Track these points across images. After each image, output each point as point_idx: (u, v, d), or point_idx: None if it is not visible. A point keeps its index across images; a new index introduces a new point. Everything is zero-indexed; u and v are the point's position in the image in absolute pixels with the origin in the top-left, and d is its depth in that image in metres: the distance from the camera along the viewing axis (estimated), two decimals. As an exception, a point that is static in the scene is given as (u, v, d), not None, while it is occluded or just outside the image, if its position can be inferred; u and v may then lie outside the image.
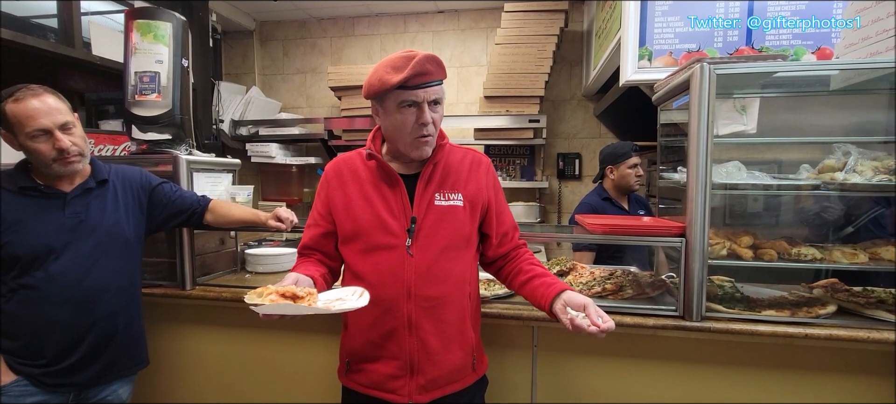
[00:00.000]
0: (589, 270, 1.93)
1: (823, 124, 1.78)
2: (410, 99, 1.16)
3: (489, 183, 1.34)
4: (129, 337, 1.52)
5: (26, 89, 1.33)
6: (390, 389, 1.24)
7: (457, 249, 1.26)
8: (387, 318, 1.22)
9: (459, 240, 1.26)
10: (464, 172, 1.30)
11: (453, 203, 1.25)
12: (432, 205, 1.24)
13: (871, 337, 1.37)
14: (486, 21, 3.93)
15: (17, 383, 1.35)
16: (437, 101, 1.20)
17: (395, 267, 1.21)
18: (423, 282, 1.21)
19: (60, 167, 1.36)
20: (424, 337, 1.22)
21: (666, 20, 2.27)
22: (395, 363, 1.23)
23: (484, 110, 3.56)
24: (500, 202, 1.37)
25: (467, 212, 1.27)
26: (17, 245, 1.32)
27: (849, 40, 1.66)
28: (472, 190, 1.29)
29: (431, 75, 1.16)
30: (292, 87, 4.32)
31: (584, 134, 3.91)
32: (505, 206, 1.39)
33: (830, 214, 1.81)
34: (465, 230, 1.27)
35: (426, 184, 1.25)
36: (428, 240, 1.23)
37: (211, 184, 1.94)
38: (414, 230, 1.22)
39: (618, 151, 2.48)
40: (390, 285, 1.21)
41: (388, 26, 4.08)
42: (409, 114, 1.18)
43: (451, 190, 1.27)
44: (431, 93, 1.18)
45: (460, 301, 1.26)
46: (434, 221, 1.23)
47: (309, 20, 4.20)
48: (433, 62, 1.16)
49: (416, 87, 1.15)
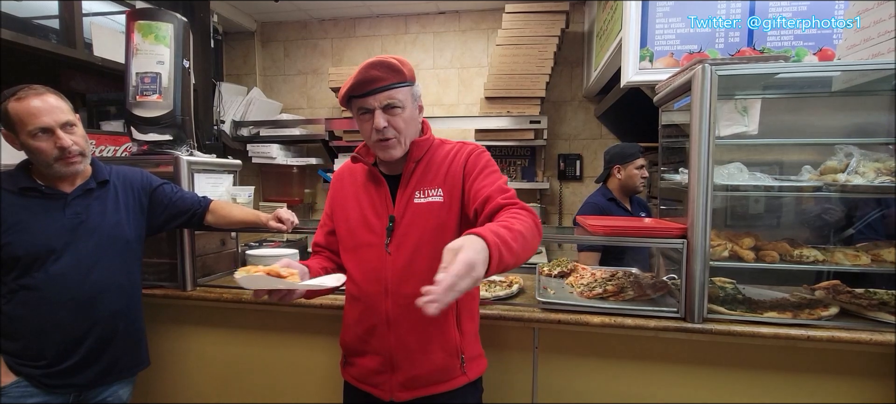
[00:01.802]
0: (590, 271, 1.92)
1: (825, 125, 1.78)
2: (363, 106, 1.19)
3: (464, 166, 1.25)
4: (129, 337, 1.52)
5: (28, 88, 1.34)
6: (374, 384, 1.28)
7: (435, 246, 1.19)
8: (369, 314, 1.26)
9: (439, 236, 1.21)
10: (444, 167, 1.27)
11: (432, 200, 1.24)
12: (411, 203, 1.25)
13: (873, 339, 1.37)
14: (487, 22, 3.93)
15: (17, 384, 1.35)
16: (392, 106, 1.18)
17: (376, 265, 1.24)
18: (400, 279, 1.22)
19: (61, 166, 1.36)
20: (403, 335, 1.24)
21: (667, 21, 2.27)
22: (378, 358, 1.27)
23: (485, 111, 3.55)
24: (477, 177, 1.23)
25: (447, 207, 1.24)
26: (18, 245, 1.32)
27: (851, 41, 1.66)
28: (450, 182, 1.25)
29: (380, 81, 1.16)
30: (293, 87, 4.33)
31: (585, 135, 3.90)
32: (485, 179, 1.23)
33: (832, 216, 1.80)
34: (445, 226, 1.23)
35: (407, 182, 1.26)
36: (404, 237, 1.23)
37: (212, 185, 1.94)
38: (392, 228, 1.24)
39: (626, 151, 2.48)
40: (371, 282, 1.25)
41: (389, 27, 4.08)
42: (365, 120, 1.21)
43: (430, 186, 1.25)
44: (383, 98, 1.17)
45: None
46: (411, 219, 1.24)
47: (310, 21, 4.20)
48: (382, 67, 1.15)
49: (365, 94, 1.17)
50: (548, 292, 1.72)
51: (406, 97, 1.21)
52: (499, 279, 1.87)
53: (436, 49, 4.03)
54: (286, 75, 4.33)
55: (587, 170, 3.90)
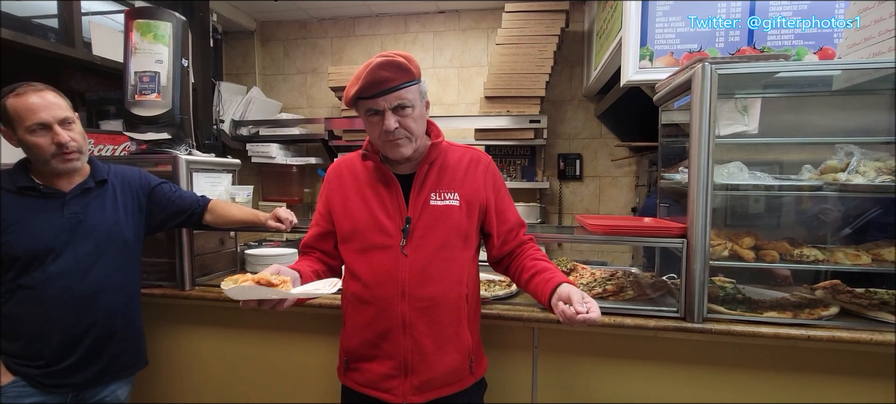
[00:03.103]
0: (590, 271, 1.92)
1: (826, 125, 1.77)
2: (372, 108, 1.17)
3: (488, 182, 1.31)
4: (128, 337, 1.52)
5: (27, 85, 1.33)
6: (385, 389, 1.24)
7: (452, 249, 1.24)
8: (382, 318, 1.22)
9: (455, 240, 1.24)
10: (461, 171, 1.28)
11: (449, 202, 1.24)
12: (427, 204, 1.23)
13: (873, 338, 1.36)
14: (486, 21, 3.93)
15: (15, 384, 1.35)
16: (402, 106, 1.16)
17: (390, 267, 1.21)
18: (417, 282, 1.21)
19: (59, 163, 1.36)
20: (418, 338, 1.22)
21: (667, 20, 2.26)
22: (390, 363, 1.23)
23: (485, 111, 3.55)
24: (502, 200, 1.34)
25: (464, 211, 1.25)
26: (16, 245, 1.32)
27: (851, 40, 1.65)
28: (468, 189, 1.27)
29: (389, 82, 1.13)
30: (293, 87, 4.32)
31: (585, 134, 3.90)
32: (508, 204, 1.36)
33: (832, 215, 1.80)
34: (462, 230, 1.25)
35: (422, 183, 1.25)
36: (422, 239, 1.22)
37: (211, 185, 1.94)
38: (408, 230, 1.22)
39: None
40: (385, 285, 1.21)
41: (388, 27, 4.08)
42: (374, 122, 1.19)
43: (447, 189, 1.25)
44: (393, 99, 1.15)
45: (456, 302, 1.24)
46: (429, 221, 1.22)
47: (309, 20, 4.20)
48: (391, 67, 1.13)
49: (374, 96, 1.15)
50: (547, 292, 1.71)
51: (415, 96, 1.19)
52: (499, 278, 1.86)
53: (436, 48, 4.03)
54: (286, 74, 4.33)
55: (587, 169, 3.90)
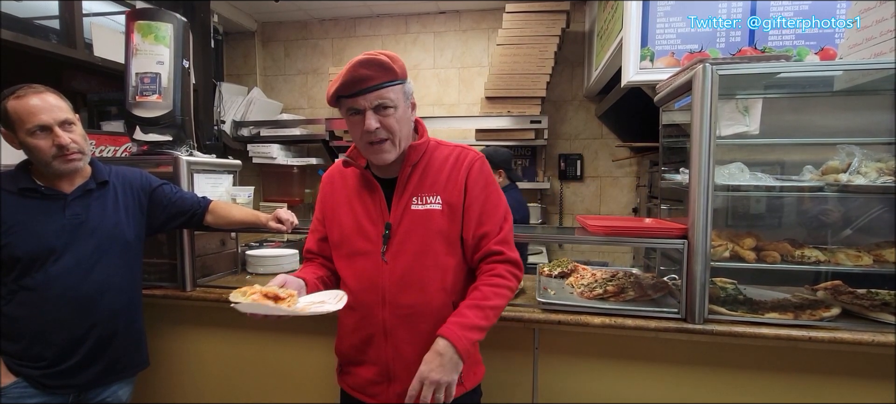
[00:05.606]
0: (590, 271, 1.92)
1: (827, 125, 1.77)
2: (353, 107, 1.13)
3: (463, 179, 1.20)
4: (129, 338, 1.52)
5: (28, 87, 1.34)
6: (371, 394, 1.24)
7: (434, 256, 1.18)
8: (365, 324, 1.22)
9: (437, 245, 1.18)
10: (444, 173, 1.21)
11: (430, 207, 1.19)
12: (408, 209, 1.19)
13: (875, 339, 1.36)
14: (487, 22, 3.93)
15: (16, 385, 1.35)
16: (384, 106, 1.12)
17: (372, 273, 1.19)
18: (398, 289, 1.18)
19: (60, 164, 1.36)
20: (400, 346, 1.19)
21: (668, 21, 2.26)
22: (374, 368, 1.23)
23: (485, 111, 3.55)
24: (477, 201, 1.20)
25: (446, 215, 1.19)
26: (17, 246, 1.32)
27: (853, 41, 1.65)
28: (450, 191, 1.20)
29: (370, 80, 1.10)
30: (294, 87, 4.33)
31: (586, 135, 3.90)
32: (487, 207, 1.21)
33: (834, 216, 1.79)
34: (444, 235, 1.19)
35: (404, 187, 1.21)
36: (402, 245, 1.18)
37: (211, 185, 1.94)
38: (389, 236, 1.19)
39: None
40: (367, 291, 1.20)
41: (389, 27, 4.08)
42: (355, 121, 1.15)
43: (429, 192, 1.20)
44: (373, 98, 1.11)
45: (440, 311, 1.18)
46: (408, 226, 1.19)
47: (310, 21, 4.20)
48: (372, 65, 1.09)
49: (354, 94, 1.11)
50: (548, 293, 1.72)
51: (398, 96, 1.14)
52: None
53: (436, 49, 4.03)
54: (286, 75, 4.33)
55: (588, 169, 3.90)
